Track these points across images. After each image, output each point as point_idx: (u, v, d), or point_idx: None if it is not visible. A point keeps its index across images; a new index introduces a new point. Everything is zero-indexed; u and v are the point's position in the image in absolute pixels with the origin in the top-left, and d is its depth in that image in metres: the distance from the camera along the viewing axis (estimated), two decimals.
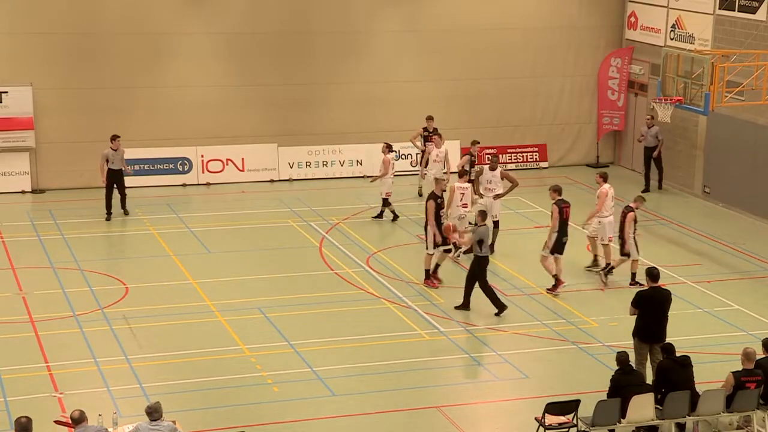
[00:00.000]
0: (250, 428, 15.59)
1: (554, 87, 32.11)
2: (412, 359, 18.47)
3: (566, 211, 21.49)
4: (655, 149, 29.54)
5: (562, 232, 21.41)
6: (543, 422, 15.17)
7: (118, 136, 26.18)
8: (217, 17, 29.40)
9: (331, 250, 24.10)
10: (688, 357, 15.87)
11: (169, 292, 21.35)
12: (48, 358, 18.12)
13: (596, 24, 32.03)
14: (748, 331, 19.76)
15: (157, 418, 13.20)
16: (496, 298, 20.44)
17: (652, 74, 30.17)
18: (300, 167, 30.29)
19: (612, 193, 22.46)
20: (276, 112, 30.01)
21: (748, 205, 26.13)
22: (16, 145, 28.05)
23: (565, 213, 21.45)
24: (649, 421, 15.38)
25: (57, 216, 26.32)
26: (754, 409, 15.71)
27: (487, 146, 31.40)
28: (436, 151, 26.34)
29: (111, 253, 23.88)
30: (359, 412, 16.44)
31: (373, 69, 30.61)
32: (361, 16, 30.38)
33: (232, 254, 23.93)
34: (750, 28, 26.91)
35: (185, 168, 29.53)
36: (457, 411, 16.58)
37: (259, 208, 27.56)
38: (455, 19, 30.88)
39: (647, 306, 17.03)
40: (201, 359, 18.30)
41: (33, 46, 28.13)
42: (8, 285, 21.63)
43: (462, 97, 31.37)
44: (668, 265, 23.06)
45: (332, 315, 20.40)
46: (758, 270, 23.41)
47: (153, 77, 29.11)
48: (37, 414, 13.88)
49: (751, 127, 27.23)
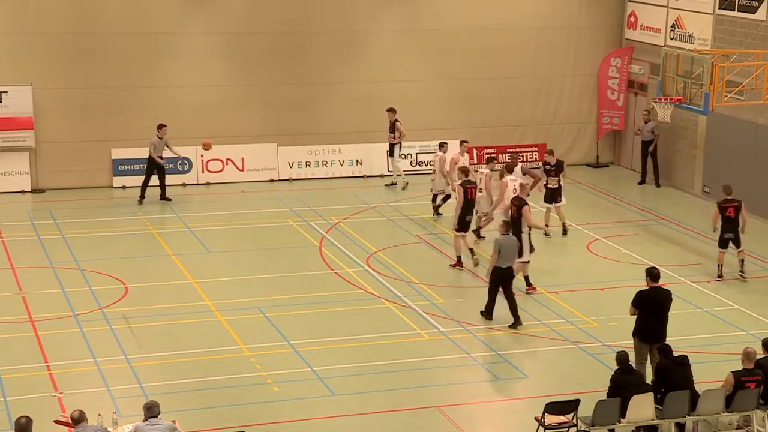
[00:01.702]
0: (249, 428, 15.57)
1: (554, 87, 32.12)
2: (412, 359, 18.46)
3: (470, 191, 23.00)
4: (651, 144, 29.70)
5: (466, 211, 22.90)
6: (543, 422, 15.17)
7: (164, 125, 27.20)
8: (217, 17, 29.40)
9: (331, 250, 24.09)
10: (686, 356, 15.87)
11: (168, 292, 21.35)
12: (48, 357, 18.12)
13: (596, 24, 32.03)
14: (748, 331, 19.76)
15: (155, 414, 13.18)
16: (491, 308, 20.12)
17: (652, 74, 30.17)
18: (300, 167, 30.30)
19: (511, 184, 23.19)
20: (276, 112, 30.01)
21: (748, 205, 26.00)
22: (15, 144, 28.06)
23: (469, 193, 22.97)
24: (649, 421, 15.38)
25: (57, 216, 26.32)
26: (754, 408, 15.70)
27: (487, 146, 31.48)
28: (463, 159, 25.92)
29: (111, 253, 23.87)
30: (359, 412, 16.44)
31: (373, 69, 30.61)
32: (361, 16, 30.38)
33: (232, 254, 23.93)
34: (750, 27, 26.91)
35: (185, 168, 29.53)
36: (457, 411, 16.58)
37: (259, 208, 27.56)
38: (455, 19, 30.88)
39: (647, 306, 17.02)
40: (201, 359, 18.30)
41: (33, 46, 28.13)
42: (8, 285, 21.63)
43: (462, 97, 31.37)
44: (668, 265, 23.07)
45: (332, 315, 20.40)
46: (758, 270, 23.41)
47: (153, 77, 29.11)
48: (37, 414, 13.87)
49: (751, 127, 27.23)
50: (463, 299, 21.34)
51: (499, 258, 19.70)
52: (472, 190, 23.09)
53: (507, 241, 19.89)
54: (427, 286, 21.98)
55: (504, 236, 19.93)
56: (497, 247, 19.73)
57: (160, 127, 27.24)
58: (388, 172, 30.07)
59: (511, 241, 19.98)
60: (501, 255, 19.70)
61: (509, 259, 19.87)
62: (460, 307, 20.84)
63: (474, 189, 23.17)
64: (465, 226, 23.02)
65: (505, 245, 19.78)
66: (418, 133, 30.42)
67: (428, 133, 30.23)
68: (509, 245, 19.87)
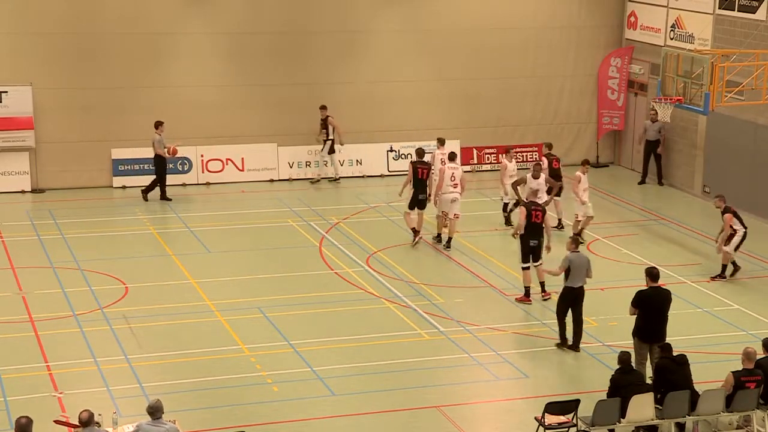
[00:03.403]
0: (249, 428, 15.57)
1: (554, 87, 32.12)
2: (412, 359, 18.47)
3: (420, 171, 24.04)
4: (656, 143, 29.72)
5: (418, 190, 23.99)
6: (543, 422, 15.17)
7: (162, 121, 27.41)
8: (217, 17, 29.40)
9: (331, 250, 24.10)
10: (684, 356, 15.88)
11: (168, 292, 21.35)
12: (48, 357, 18.13)
13: (596, 24, 32.03)
14: (748, 331, 19.77)
15: (158, 417, 13.19)
16: (564, 332, 18.88)
17: (652, 74, 30.17)
18: (300, 167, 30.30)
19: (452, 172, 23.93)
20: (276, 112, 30.00)
21: (748, 205, 26.11)
22: (16, 144, 28.05)
23: (419, 173, 24.03)
24: (649, 421, 15.38)
25: (57, 216, 26.32)
26: (754, 408, 15.71)
27: (487, 146, 31.52)
28: (511, 166, 25.78)
29: (111, 253, 23.87)
30: (359, 412, 16.44)
31: (373, 69, 30.61)
32: (361, 16, 30.37)
33: (232, 254, 23.93)
34: (750, 27, 26.91)
35: (185, 168, 29.53)
36: (457, 411, 16.58)
37: (259, 208, 27.56)
38: (455, 19, 30.87)
39: (647, 306, 17.04)
40: (201, 359, 18.31)
41: (33, 46, 28.13)
42: (8, 285, 21.64)
43: (462, 97, 31.37)
44: (668, 264, 23.07)
45: (332, 315, 20.40)
46: (758, 270, 23.41)
47: (153, 77, 29.11)
48: (37, 414, 13.87)
49: (751, 127, 27.23)
50: (463, 299, 21.33)
51: (569, 277, 18.44)
52: (423, 171, 24.13)
53: (578, 258, 18.48)
54: (427, 286, 21.98)
55: (575, 253, 18.49)
56: (566, 264, 18.44)
57: (159, 124, 27.31)
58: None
59: (582, 259, 18.54)
60: (571, 273, 18.41)
61: (580, 278, 18.47)
62: (460, 307, 20.85)
63: (426, 170, 24.20)
64: (413, 204, 24.23)
65: (576, 263, 18.43)
66: (418, 133, 30.42)
67: (428, 133, 30.19)
68: (580, 263, 18.47)
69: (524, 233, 20.93)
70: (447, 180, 24.01)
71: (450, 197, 24.01)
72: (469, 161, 31.42)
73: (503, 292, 21.57)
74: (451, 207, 24.05)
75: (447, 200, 24.06)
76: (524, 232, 20.91)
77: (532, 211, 20.86)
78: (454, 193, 24.02)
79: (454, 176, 24.01)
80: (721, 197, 22.66)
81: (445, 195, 24.07)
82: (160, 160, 27.49)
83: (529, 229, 20.86)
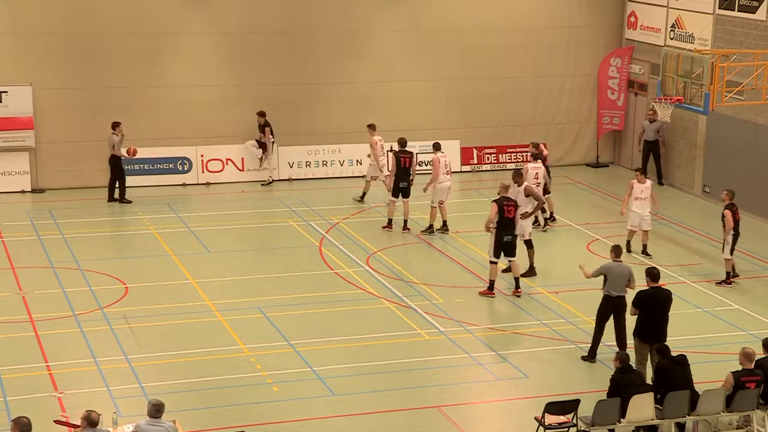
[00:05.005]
0: (249, 428, 15.57)
1: (554, 87, 32.11)
2: (412, 359, 18.47)
3: (403, 160, 25.02)
4: (654, 143, 29.71)
5: (399, 179, 24.97)
6: (543, 422, 15.17)
7: (119, 122, 27.27)
8: (217, 17, 29.39)
9: (331, 250, 24.10)
10: (684, 356, 15.88)
11: (169, 292, 21.35)
12: (48, 357, 18.12)
13: (596, 24, 32.03)
14: (748, 331, 19.77)
15: (159, 416, 13.18)
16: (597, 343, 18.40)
17: (652, 74, 30.17)
18: (300, 167, 30.30)
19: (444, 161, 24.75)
20: (275, 112, 29.97)
21: (748, 205, 26.10)
22: (16, 144, 28.04)
23: (402, 161, 25.00)
24: (649, 421, 15.39)
25: (57, 216, 26.31)
26: (754, 408, 15.71)
27: (487, 146, 31.51)
28: (641, 187, 23.93)
29: (111, 253, 23.88)
30: (359, 412, 16.44)
31: (373, 69, 30.60)
32: (361, 16, 30.37)
33: (232, 254, 23.93)
34: (750, 27, 26.91)
35: (185, 168, 29.53)
36: (457, 411, 16.58)
37: (259, 208, 27.56)
38: (455, 19, 30.87)
39: (648, 306, 17.04)
40: (201, 359, 18.31)
41: (33, 46, 28.12)
42: (8, 285, 21.63)
43: (462, 97, 31.37)
44: (668, 264, 23.07)
45: (332, 314, 20.40)
46: (758, 270, 23.41)
47: (153, 77, 29.11)
48: (37, 414, 13.87)
49: (751, 126, 27.24)
50: (463, 299, 21.33)
51: (605, 285, 17.94)
52: (405, 159, 25.08)
53: (618, 268, 17.89)
54: (427, 286, 21.98)
55: (615, 262, 17.92)
56: (599, 271, 18.02)
57: (117, 125, 27.17)
58: None
59: (622, 269, 17.90)
60: (608, 282, 17.88)
61: (619, 288, 17.85)
62: (460, 307, 20.84)
63: (408, 159, 25.09)
64: (397, 193, 25.19)
65: (615, 272, 17.88)
66: (418, 133, 30.38)
67: (428, 133, 30.19)
68: (620, 273, 17.87)
69: (498, 228, 20.96)
70: (441, 168, 24.81)
71: (447, 185, 25.01)
72: (469, 161, 31.45)
73: (503, 292, 21.57)
74: (448, 194, 25.20)
75: (444, 189, 24.93)
76: (497, 227, 20.95)
77: (504, 206, 20.97)
78: (449, 181, 25.10)
79: (447, 164, 25.03)
80: (729, 192, 22.33)
81: (441, 184, 24.84)
82: (117, 161, 27.37)
83: (502, 224, 20.97)
